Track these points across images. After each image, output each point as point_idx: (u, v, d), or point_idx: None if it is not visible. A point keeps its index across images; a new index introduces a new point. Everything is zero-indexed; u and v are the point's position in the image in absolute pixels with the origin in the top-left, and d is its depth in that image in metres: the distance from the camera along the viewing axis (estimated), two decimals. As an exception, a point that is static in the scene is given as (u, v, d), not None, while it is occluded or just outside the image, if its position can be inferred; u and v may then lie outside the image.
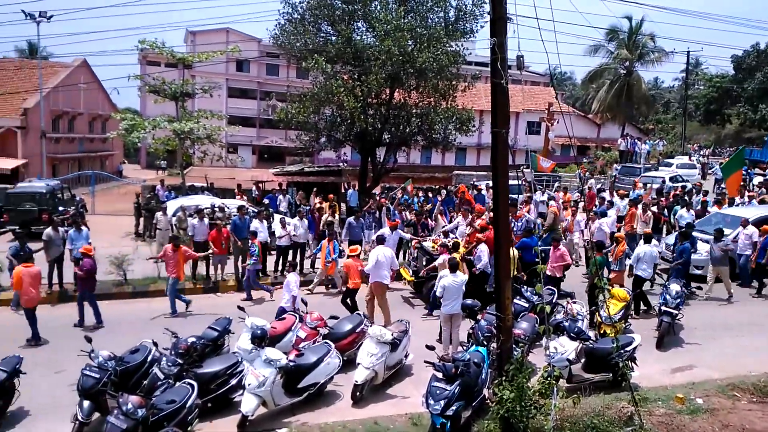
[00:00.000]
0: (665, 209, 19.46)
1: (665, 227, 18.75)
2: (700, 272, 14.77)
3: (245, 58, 48.61)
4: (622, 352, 8.85)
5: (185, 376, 8.20)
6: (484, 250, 12.82)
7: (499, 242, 7.75)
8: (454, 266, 10.65)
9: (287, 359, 8.41)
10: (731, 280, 14.41)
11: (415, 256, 14.61)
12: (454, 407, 7.42)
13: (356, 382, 8.85)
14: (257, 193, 24.02)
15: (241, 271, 14.75)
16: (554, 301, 11.65)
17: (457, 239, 13.97)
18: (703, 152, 48.51)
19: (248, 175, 34.80)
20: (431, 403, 7.46)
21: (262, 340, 8.66)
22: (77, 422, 7.63)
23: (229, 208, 18.16)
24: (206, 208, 17.20)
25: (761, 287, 14.66)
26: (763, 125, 54.28)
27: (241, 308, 10.23)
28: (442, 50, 19.86)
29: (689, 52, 45.94)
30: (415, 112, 21.88)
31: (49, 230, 13.76)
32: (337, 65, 21.21)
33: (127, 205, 23.13)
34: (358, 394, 8.88)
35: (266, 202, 21.01)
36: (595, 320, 11.16)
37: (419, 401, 7.91)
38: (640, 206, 18.01)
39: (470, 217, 15.60)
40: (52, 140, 38.36)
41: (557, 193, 22.52)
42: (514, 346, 8.04)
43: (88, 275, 11.77)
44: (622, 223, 17.91)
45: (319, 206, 17.98)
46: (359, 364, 8.95)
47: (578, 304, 10.97)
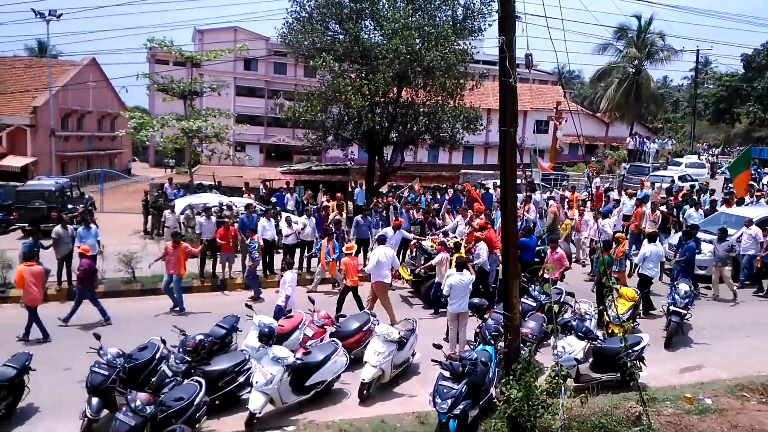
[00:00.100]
0: (674, 209, 19.35)
1: (673, 227, 18.65)
2: (703, 272, 14.66)
3: (253, 56, 48.71)
4: (630, 351, 8.79)
5: (193, 373, 8.25)
6: (482, 248, 12.78)
7: (506, 241, 7.74)
8: (460, 265, 10.62)
9: (294, 357, 8.42)
10: (733, 280, 14.31)
11: (414, 255, 14.60)
12: (461, 406, 7.42)
13: (363, 380, 8.85)
14: (265, 191, 24.12)
15: (246, 270, 14.83)
16: (562, 300, 11.62)
17: (456, 238, 13.97)
18: (712, 151, 48.24)
19: (256, 173, 34.88)
20: (438, 401, 7.46)
21: (269, 338, 8.68)
22: (86, 419, 7.68)
23: (236, 206, 18.23)
24: (214, 206, 17.27)
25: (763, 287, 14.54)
26: (773, 124, 53.91)
27: (248, 306, 10.26)
28: (449, 49, 19.85)
29: (698, 50, 45.76)
30: (422, 110, 21.85)
31: (58, 228, 13.82)
32: (344, 64, 21.23)
33: (135, 203, 23.21)
34: (365, 392, 8.90)
35: (274, 200, 21.08)
36: (603, 320, 11.13)
37: (426, 400, 7.90)
38: (648, 205, 17.96)
39: (469, 216, 15.58)
40: (61, 138, 38.57)
41: (563, 192, 22.46)
42: (521, 345, 8.03)
43: (86, 275, 11.74)
44: (628, 222, 17.84)
45: (325, 205, 18.01)
46: (366, 362, 8.96)
47: (586, 303, 10.94)
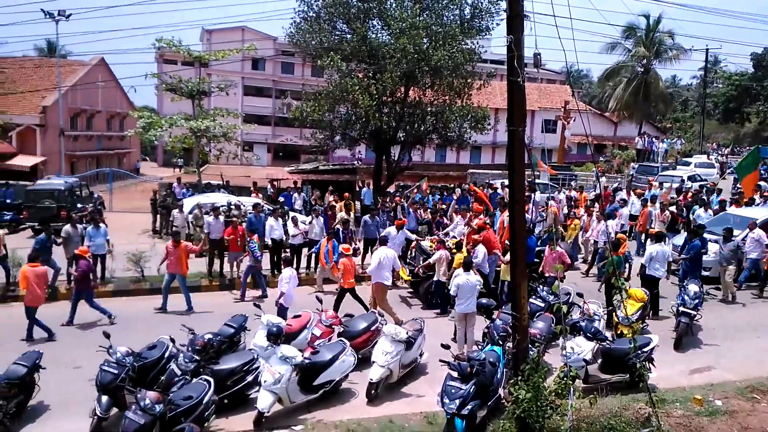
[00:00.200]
0: (683, 208, 19.23)
1: (682, 227, 18.54)
2: (707, 273, 14.51)
3: (261, 56, 48.77)
4: (639, 352, 8.75)
5: (202, 372, 8.29)
6: (480, 250, 12.73)
7: (515, 241, 7.72)
8: (467, 265, 10.61)
9: (303, 357, 8.44)
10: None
11: (413, 255, 14.58)
12: (469, 406, 7.41)
13: (371, 380, 8.86)
14: (272, 191, 24.14)
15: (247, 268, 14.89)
16: (571, 301, 11.57)
17: (455, 239, 13.95)
18: (721, 151, 47.92)
19: (263, 173, 34.94)
20: (446, 401, 7.45)
21: (277, 337, 8.70)
22: (95, 417, 7.74)
23: (244, 206, 18.27)
24: (222, 205, 17.32)
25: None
26: (783, 124, 53.51)
27: (257, 305, 10.28)
28: (457, 48, 19.80)
29: (708, 49, 45.43)
30: (430, 110, 21.82)
31: (68, 227, 13.92)
32: (352, 63, 21.22)
33: (144, 202, 23.30)
34: (373, 392, 8.90)
35: (281, 200, 21.11)
36: (612, 320, 11.08)
37: (434, 400, 7.89)
38: (657, 205, 17.89)
39: (468, 216, 15.57)
40: (70, 138, 38.78)
41: (570, 192, 22.38)
42: (530, 345, 8.00)
43: (83, 276, 11.71)
44: (635, 221, 17.77)
45: (332, 204, 18.01)
46: (374, 362, 8.97)
47: (595, 304, 10.90)
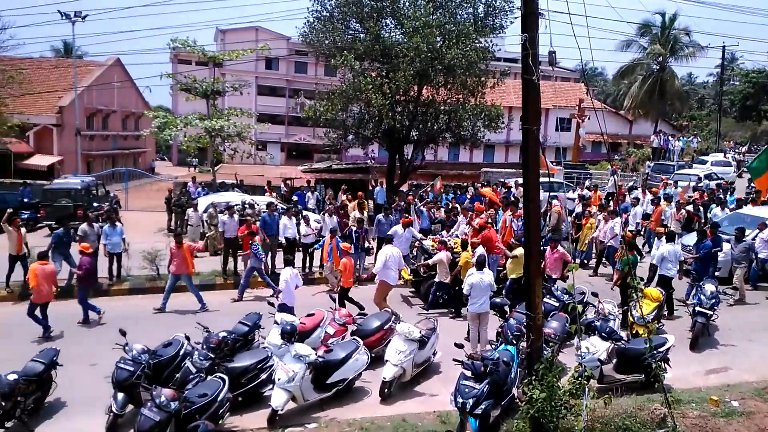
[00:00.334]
0: (700, 207, 19.03)
1: (697, 226, 18.34)
2: (718, 273, 14.30)
3: (274, 56, 49.02)
4: (655, 352, 8.67)
5: (216, 370, 8.33)
6: (478, 249, 12.60)
7: (529, 240, 7.68)
8: (481, 264, 10.58)
9: (316, 355, 8.47)
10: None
11: (414, 255, 14.56)
12: (482, 406, 7.39)
13: (384, 378, 8.86)
14: (286, 190, 24.21)
15: (270, 267, 14.97)
16: (586, 300, 11.51)
17: (457, 238, 13.92)
18: (738, 149, 47.32)
19: (277, 172, 35.09)
20: (460, 400, 7.44)
21: (291, 335, 8.73)
22: (111, 414, 7.80)
23: (258, 204, 18.35)
24: (237, 204, 17.42)
25: None
26: (801, 122, 52.73)
27: (270, 304, 10.34)
28: (471, 46, 19.74)
29: (724, 46, 44.83)
30: (443, 108, 21.77)
31: (84, 226, 14.05)
32: (365, 62, 21.22)
33: (159, 201, 23.46)
34: (386, 390, 8.90)
35: (295, 199, 21.18)
36: (627, 320, 11.00)
37: (447, 399, 7.87)
38: (673, 204, 17.75)
39: (470, 215, 15.52)
40: (86, 137, 39.22)
41: (582, 191, 22.22)
42: (544, 345, 7.96)
43: (87, 274, 11.82)
44: (649, 220, 17.64)
45: (344, 203, 18.01)
46: (387, 361, 8.96)
47: (610, 303, 10.82)
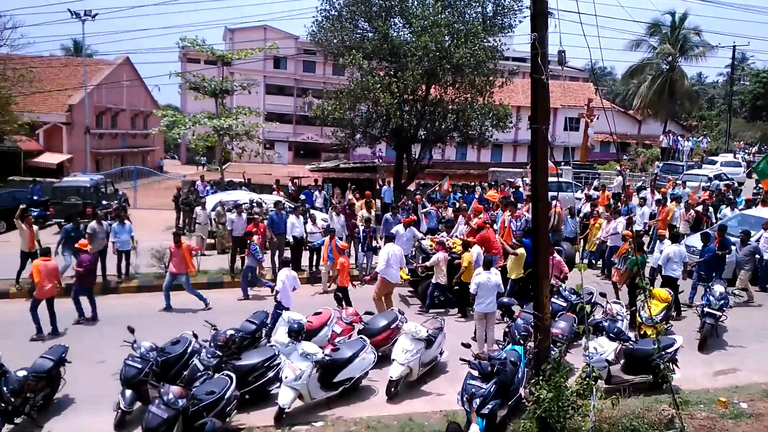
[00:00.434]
0: (710, 208, 18.92)
1: (706, 227, 18.24)
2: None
3: (283, 55, 49.11)
4: (663, 353, 8.64)
5: (224, 367, 8.37)
6: (475, 249, 12.65)
7: (537, 240, 7.66)
8: (488, 263, 10.56)
9: (323, 353, 8.48)
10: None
11: (413, 254, 14.56)
12: (489, 405, 7.37)
13: (391, 377, 8.86)
14: (293, 189, 24.26)
15: (278, 265, 14.99)
16: (593, 300, 11.47)
17: (456, 238, 13.94)
18: (748, 150, 46.97)
19: (284, 171, 35.18)
20: (467, 400, 7.43)
21: (298, 334, 8.75)
22: (119, 411, 7.87)
23: (266, 203, 18.39)
24: (245, 203, 17.46)
25: None
26: (812, 122, 52.29)
27: (278, 301, 10.35)
28: (479, 45, 19.71)
29: (735, 46, 44.53)
30: (451, 108, 21.74)
31: (93, 223, 14.12)
32: (373, 61, 21.23)
33: (167, 199, 23.57)
34: (392, 389, 8.90)
35: (302, 197, 21.22)
36: (635, 321, 10.95)
37: (454, 399, 7.87)
38: (682, 204, 17.67)
39: (467, 215, 15.51)
40: (95, 136, 39.46)
41: (589, 191, 22.12)
42: (551, 345, 7.94)
43: (87, 271, 11.82)
44: (654, 220, 17.59)
45: (351, 202, 18.01)
46: (394, 360, 8.96)
47: (618, 304, 10.78)
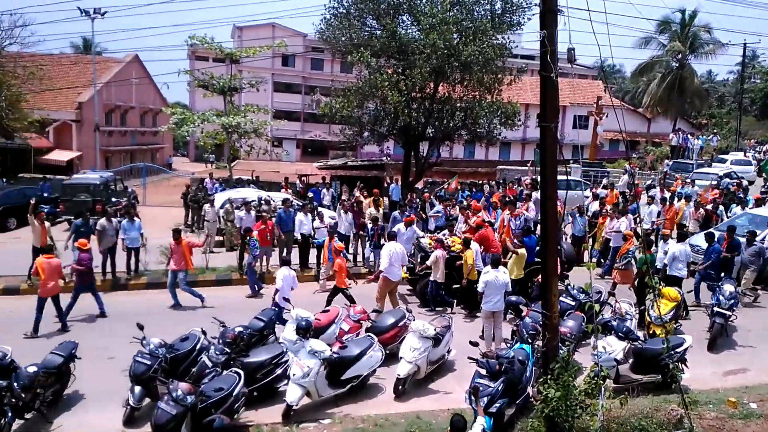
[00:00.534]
0: (720, 206, 18.80)
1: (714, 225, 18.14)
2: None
3: (291, 53, 49.12)
4: (672, 353, 8.60)
5: (232, 364, 8.40)
6: (473, 247, 12.63)
7: (546, 239, 7.64)
8: (496, 262, 10.54)
9: (331, 351, 8.50)
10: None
11: (412, 253, 14.55)
12: (497, 404, 7.37)
13: (399, 375, 8.88)
14: (301, 186, 24.30)
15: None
16: (602, 299, 11.43)
17: (455, 237, 13.95)
18: (759, 148, 46.56)
19: (292, 168, 35.29)
20: (470, 393, 7.41)
21: (306, 331, 8.77)
22: (128, 407, 7.92)
23: (274, 201, 18.43)
24: (253, 200, 17.51)
25: None
26: (823, 120, 51.81)
27: (286, 299, 10.38)
28: (487, 43, 19.60)
29: (746, 43, 44.18)
30: (459, 106, 21.64)
31: (102, 221, 14.19)
32: (381, 59, 21.17)
33: (176, 197, 23.68)
34: (400, 387, 8.92)
35: (310, 195, 21.25)
36: (644, 320, 10.91)
37: (462, 397, 7.87)
38: (692, 204, 17.59)
39: (466, 214, 15.48)
40: (105, 133, 39.65)
41: (596, 189, 22.01)
42: (559, 344, 7.92)
43: (86, 270, 11.81)
44: (660, 218, 17.53)
45: (358, 200, 18.00)
46: (402, 358, 8.97)
47: (627, 303, 10.74)
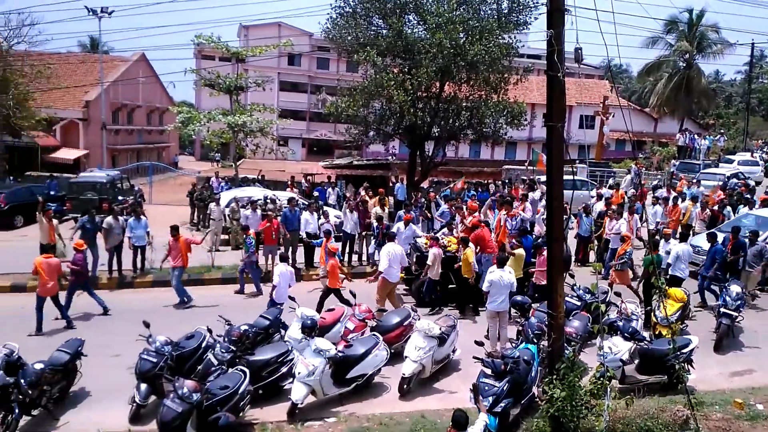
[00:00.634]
0: (725, 207, 18.72)
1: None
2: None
3: (297, 52, 49.20)
4: (678, 353, 8.56)
5: (238, 362, 8.42)
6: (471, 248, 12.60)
7: (552, 239, 7.61)
8: (502, 261, 10.51)
9: (336, 350, 8.51)
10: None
11: (408, 252, 14.54)
12: (502, 404, 7.37)
13: (403, 375, 8.87)
14: (306, 185, 24.33)
15: (291, 262, 15.11)
16: (608, 300, 11.40)
17: (452, 237, 13.94)
18: (766, 149, 46.27)
19: (298, 167, 35.30)
20: (479, 398, 7.41)
21: (312, 330, 8.78)
22: (134, 404, 7.95)
23: (279, 200, 18.45)
24: (259, 199, 17.53)
25: None
26: (832, 120, 51.49)
27: (291, 298, 10.39)
28: (494, 42, 19.60)
29: (753, 43, 44.02)
30: (465, 105, 21.64)
31: (109, 219, 14.25)
32: (387, 58, 21.18)
33: (182, 195, 23.76)
34: (405, 387, 8.91)
35: (316, 194, 21.27)
36: (650, 320, 10.87)
37: (467, 397, 7.84)
38: (698, 204, 17.54)
39: (462, 214, 15.46)
40: (112, 132, 39.79)
41: (600, 189, 21.93)
42: (565, 344, 7.90)
43: (80, 269, 11.81)
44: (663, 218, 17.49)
45: (363, 199, 18.00)
46: (407, 357, 8.97)
47: (633, 303, 10.71)
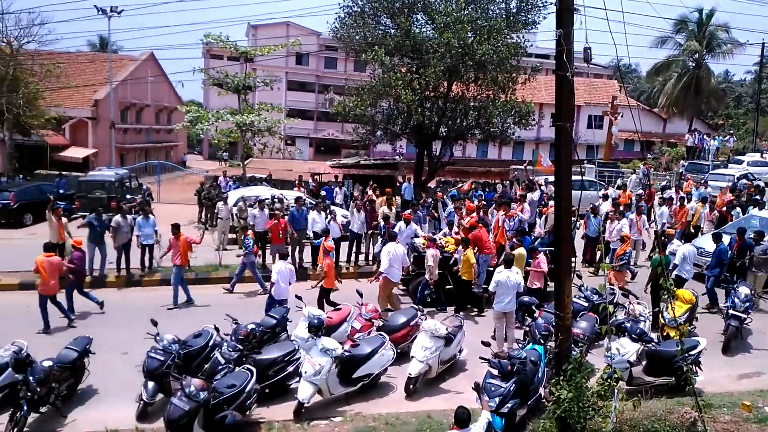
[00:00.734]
0: (734, 208, 18.61)
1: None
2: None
3: (305, 51, 49.25)
4: (686, 355, 8.52)
5: (245, 361, 8.45)
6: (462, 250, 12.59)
7: (560, 239, 7.58)
8: (509, 262, 10.49)
9: (343, 349, 8.52)
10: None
11: (406, 252, 14.51)
12: (509, 405, 7.36)
13: (410, 374, 8.88)
14: (314, 185, 24.36)
15: (298, 261, 15.15)
16: (616, 301, 11.35)
17: (451, 237, 13.94)
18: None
19: (305, 167, 35.35)
20: (486, 399, 7.40)
21: (318, 329, 8.80)
22: (142, 402, 8.00)
23: (287, 199, 18.48)
24: (266, 199, 17.56)
25: None
26: (842, 121, 50.92)
27: (298, 297, 10.40)
28: (502, 42, 19.55)
29: (764, 43, 43.53)
30: (472, 105, 21.59)
31: (117, 217, 14.33)
32: (395, 58, 21.16)
33: (190, 194, 23.85)
34: (411, 386, 8.92)
35: (323, 194, 21.28)
36: (658, 322, 10.81)
37: (473, 397, 7.83)
38: (707, 205, 17.46)
39: (460, 214, 15.47)
40: (120, 131, 39.98)
41: (607, 190, 21.85)
42: (572, 345, 7.87)
43: (78, 268, 11.83)
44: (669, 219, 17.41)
45: (371, 199, 18.00)
46: (413, 357, 8.97)
47: (641, 305, 10.66)
